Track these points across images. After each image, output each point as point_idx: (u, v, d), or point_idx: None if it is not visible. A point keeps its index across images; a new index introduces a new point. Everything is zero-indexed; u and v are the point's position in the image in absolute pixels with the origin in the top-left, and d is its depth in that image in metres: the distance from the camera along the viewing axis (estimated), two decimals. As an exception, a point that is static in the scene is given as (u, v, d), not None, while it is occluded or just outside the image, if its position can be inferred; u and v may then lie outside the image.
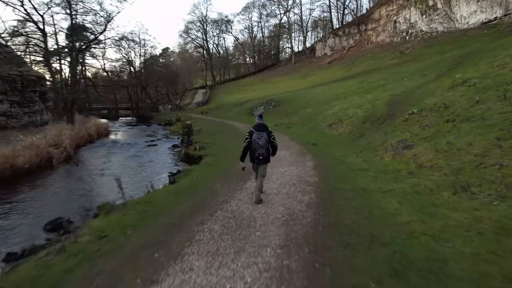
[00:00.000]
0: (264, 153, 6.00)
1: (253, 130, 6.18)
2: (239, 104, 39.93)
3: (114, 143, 20.76)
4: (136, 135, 24.78)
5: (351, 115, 18.08)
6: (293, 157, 10.26)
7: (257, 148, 5.99)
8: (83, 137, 19.35)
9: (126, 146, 19.43)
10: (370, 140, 12.32)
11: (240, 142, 6.58)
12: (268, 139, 6.08)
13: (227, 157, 10.97)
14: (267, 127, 6.30)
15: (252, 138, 6.06)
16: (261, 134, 6.06)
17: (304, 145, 13.52)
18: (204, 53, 73.60)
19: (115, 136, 24.49)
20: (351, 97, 23.54)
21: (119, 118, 45.08)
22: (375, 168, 8.29)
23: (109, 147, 19.06)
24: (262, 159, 6.03)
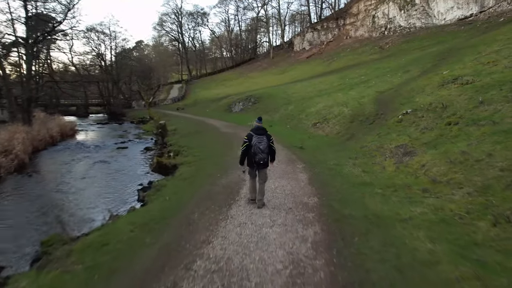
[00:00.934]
0: (265, 157, 5.76)
1: (252, 133, 5.84)
2: (217, 100, 38.21)
3: (79, 145, 18.58)
4: (106, 135, 22.61)
5: (336, 114, 16.98)
6: (282, 167, 8.92)
7: (258, 153, 5.67)
8: (43, 139, 17.08)
9: (93, 149, 17.38)
10: (363, 144, 11.20)
11: (221, 145, 5.40)
12: (268, 143, 5.83)
13: (206, 167, 9.49)
14: (266, 130, 6.06)
15: (251, 142, 5.71)
16: (261, 138, 5.77)
17: (291, 148, 12.22)
18: (180, 47, 70.66)
19: (83, 136, 22.24)
20: (334, 93, 22.51)
21: (89, 115, 42.17)
22: (380, 182, 7.09)
23: (73, 151, 16.90)
24: (263, 164, 5.77)
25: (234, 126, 20.39)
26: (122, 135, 22.57)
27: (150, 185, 9.06)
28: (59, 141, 19.03)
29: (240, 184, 7.32)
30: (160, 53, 67.11)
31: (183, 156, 11.74)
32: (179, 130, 19.05)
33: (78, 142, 19.85)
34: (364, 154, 10.01)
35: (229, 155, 10.95)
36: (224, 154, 11.27)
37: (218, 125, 21.83)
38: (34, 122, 18.38)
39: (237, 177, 7.90)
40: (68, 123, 23.49)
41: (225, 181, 7.62)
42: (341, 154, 10.53)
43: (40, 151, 16.18)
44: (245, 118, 25.84)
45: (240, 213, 5.55)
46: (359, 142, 11.81)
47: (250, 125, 21.09)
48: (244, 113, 28.22)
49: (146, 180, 10.39)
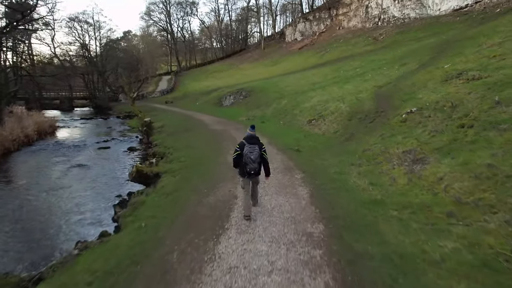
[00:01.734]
0: (257, 167, 5.63)
1: (244, 142, 5.68)
2: (207, 93, 36.77)
3: (57, 145, 17.04)
4: (88, 133, 21.09)
5: (333, 110, 15.92)
6: (279, 177, 7.81)
7: (249, 163, 5.55)
8: (16, 139, 15.56)
9: (72, 149, 15.96)
10: (365, 146, 10.16)
11: (210, 146, 4.42)
12: (260, 153, 5.65)
13: (192, 178, 8.27)
14: (258, 139, 5.85)
15: (243, 152, 5.57)
16: (253, 148, 5.59)
17: (287, 152, 11.10)
18: (168, 37, 68.23)
19: (63, 134, 20.72)
20: (329, 87, 21.43)
21: (74, 109, 40.24)
22: (392, 200, 6.05)
23: (49, 152, 15.43)
24: (254, 173, 5.66)
25: (225, 122, 19.22)
26: (106, 132, 21.06)
27: (130, 197, 7.88)
28: (36, 141, 17.45)
29: (230, 203, 6.21)
30: (148, 43, 64.66)
31: (167, 162, 10.50)
32: (166, 128, 17.74)
33: (57, 141, 18.27)
34: (368, 159, 8.98)
35: (218, 162, 9.80)
36: (212, 161, 10.09)
37: (208, 121, 20.58)
38: (7, 120, 16.80)
39: (227, 193, 6.80)
40: (48, 120, 21.79)
41: (213, 199, 6.50)
42: (342, 159, 9.47)
43: (12, 153, 14.66)
44: (235, 112, 24.63)
45: (230, 250, 4.44)
46: (360, 144, 10.78)
47: (240, 121, 19.97)
48: (235, 107, 26.98)
49: (126, 189, 9.19)
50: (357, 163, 8.84)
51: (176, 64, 69.17)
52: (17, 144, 15.50)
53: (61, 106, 38.98)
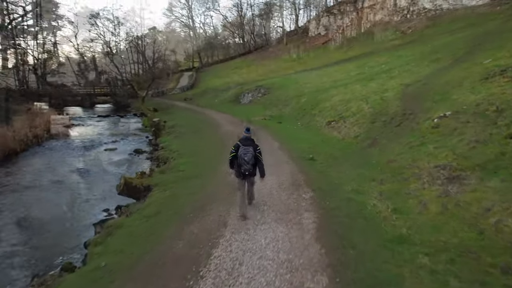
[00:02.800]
0: (250, 168, 5.68)
1: (239, 144, 5.78)
2: (226, 89, 35.79)
3: (65, 145, 16.45)
4: (101, 132, 20.49)
5: (355, 111, 14.41)
6: (283, 197, 6.53)
7: (243, 164, 5.61)
8: (24, 139, 15.22)
9: (78, 150, 15.47)
10: (389, 156, 8.72)
11: (215, 151, 3.73)
12: (254, 154, 5.69)
13: (182, 195, 7.19)
14: (253, 141, 5.94)
15: (238, 153, 5.66)
16: (247, 149, 5.64)
17: (299, 162, 9.79)
18: (190, 33, 67.82)
19: (75, 133, 20.35)
20: (351, 85, 19.82)
21: (95, 106, 40.49)
22: (423, 238, 4.67)
23: (54, 153, 14.95)
24: (249, 174, 5.73)
25: (239, 122, 18.13)
26: (117, 131, 20.30)
27: (116, 211, 6.96)
28: (47, 140, 17.08)
29: (216, 235, 5.02)
30: (170, 39, 64.39)
31: (164, 171, 9.46)
32: (177, 128, 16.85)
33: (67, 141, 17.66)
34: (392, 174, 7.56)
35: (218, 171, 8.67)
36: (212, 170, 8.95)
37: (222, 120, 19.57)
38: (18, 119, 16.49)
39: (215, 219, 5.63)
40: (62, 118, 21.58)
41: (196, 228, 5.35)
42: (361, 172, 8.10)
43: (17, 154, 14.28)
44: (252, 111, 23.50)
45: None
46: (384, 152, 9.33)
47: (255, 121, 18.80)
48: (252, 106, 25.84)
49: (116, 202, 8.29)
50: (379, 178, 7.45)
51: (198, 60, 68.61)
52: (24, 144, 15.09)
53: (83, 103, 39.30)
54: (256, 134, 11.74)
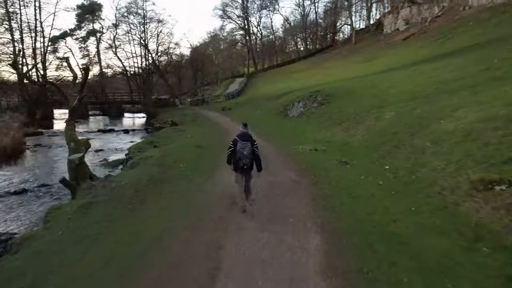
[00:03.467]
0: (249, 162, 5.75)
1: (237, 139, 5.81)
2: (275, 98, 27.65)
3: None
4: (46, 164, 14.12)
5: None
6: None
7: (242, 158, 5.69)
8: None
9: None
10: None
11: None
12: (252, 149, 5.75)
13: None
14: (251, 136, 5.97)
15: (236, 148, 5.71)
16: (245, 144, 5.71)
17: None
18: (246, 36, 60.93)
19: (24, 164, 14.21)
20: (484, 90, 10.31)
21: (123, 115, 36.07)
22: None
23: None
24: (247, 168, 5.79)
25: (283, 156, 10.08)
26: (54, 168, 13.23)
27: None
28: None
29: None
30: (217, 40, 58.49)
31: None
32: (147, 171, 8.78)
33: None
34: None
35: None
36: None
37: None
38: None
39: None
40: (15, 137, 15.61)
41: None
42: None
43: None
44: (300, 130, 15.05)
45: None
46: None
47: (296, 152, 10.29)
48: (302, 120, 17.28)
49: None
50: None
51: (253, 65, 61.61)
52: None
53: (109, 112, 35.02)
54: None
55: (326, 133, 13.02)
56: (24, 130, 20.56)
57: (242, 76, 54.77)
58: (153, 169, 8.40)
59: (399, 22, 45.50)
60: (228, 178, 7.73)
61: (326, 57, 52.00)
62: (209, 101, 39.99)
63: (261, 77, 51.17)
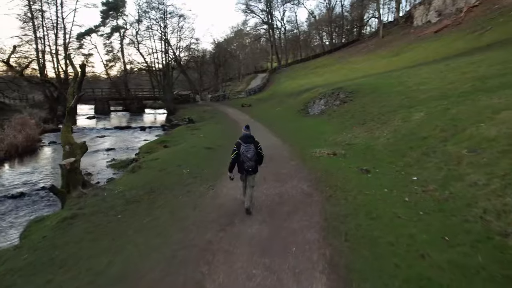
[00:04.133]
0: (253, 165, 5.62)
1: (240, 142, 5.62)
2: (297, 94, 26.57)
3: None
4: (44, 164, 13.55)
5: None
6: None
7: (246, 161, 5.55)
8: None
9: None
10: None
11: None
12: (255, 151, 5.62)
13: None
14: (254, 138, 5.76)
15: (240, 151, 5.55)
16: (249, 147, 5.57)
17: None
18: (269, 31, 59.43)
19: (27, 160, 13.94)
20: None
21: (144, 111, 36.08)
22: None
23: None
24: (251, 170, 5.64)
25: (297, 160, 9.22)
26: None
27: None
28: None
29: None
30: (242, 37, 57.44)
31: None
32: (138, 179, 8.16)
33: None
34: None
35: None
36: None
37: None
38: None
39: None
40: (23, 134, 15.49)
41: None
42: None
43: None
44: (319, 130, 14.00)
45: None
46: None
47: (307, 157, 9.34)
48: (322, 119, 16.20)
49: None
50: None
51: (276, 60, 60.12)
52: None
53: (130, 108, 35.15)
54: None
55: (347, 134, 11.93)
56: (43, 127, 20.88)
57: (265, 72, 53.69)
58: (153, 175, 7.80)
59: (431, 13, 42.59)
60: (230, 189, 6.97)
61: (352, 51, 49.84)
62: (230, 97, 39.36)
63: (284, 73, 49.87)
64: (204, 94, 42.31)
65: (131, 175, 8.25)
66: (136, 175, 8.08)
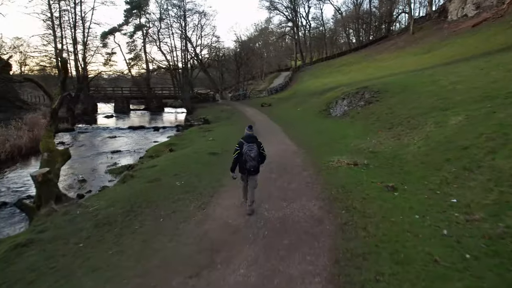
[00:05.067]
0: (255, 165, 5.50)
1: (243, 141, 5.48)
2: (320, 93, 25.05)
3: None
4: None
5: None
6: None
7: (249, 160, 5.42)
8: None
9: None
10: None
11: None
12: (258, 151, 5.49)
13: None
14: (256, 138, 5.68)
15: (242, 150, 5.42)
16: (252, 146, 5.44)
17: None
18: (294, 29, 57.63)
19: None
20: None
21: (163, 110, 35.83)
22: None
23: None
24: (253, 170, 5.53)
25: (310, 170, 8.03)
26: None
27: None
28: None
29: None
30: (266, 35, 55.98)
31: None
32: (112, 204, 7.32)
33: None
34: None
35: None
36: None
37: (276, 157, 9.47)
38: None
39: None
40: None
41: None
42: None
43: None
44: (342, 133, 12.58)
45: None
46: None
47: (323, 166, 8.00)
48: (345, 121, 14.74)
49: None
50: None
51: (300, 58, 58.26)
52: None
53: (150, 107, 34.96)
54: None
55: (371, 140, 10.49)
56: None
57: (288, 70, 52.15)
58: (141, 188, 6.79)
59: (468, 6, 39.29)
60: (225, 209, 5.87)
61: (379, 48, 47.23)
62: (251, 96, 38.32)
63: (308, 71, 48.14)
64: (225, 93, 41.53)
65: (119, 187, 7.37)
66: (124, 187, 7.16)
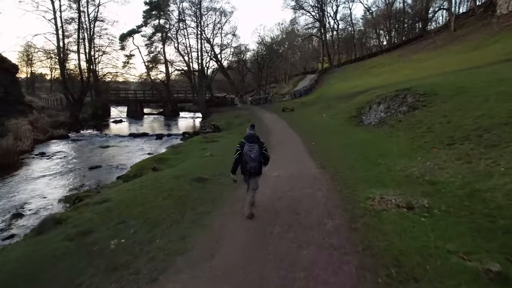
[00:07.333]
0: (256, 166, 5.15)
1: (244, 142, 5.18)
2: (348, 97, 21.79)
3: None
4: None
5: None
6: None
7: (249, 161, 5.10)
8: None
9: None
10: None
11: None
12: (260, 151, 5.15)
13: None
14: (258, 138, 5.33)
15: (243, 150, 5.11)
16: (253, 146, 5.13)
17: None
18: (321, 29, 54.13)
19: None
20: None
21: (179, 114, 34.01)
22: None
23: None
24: (254, 172, 5.18)
25: (336, 218, 5.24)
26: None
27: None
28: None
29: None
30: (291, 36, 52.93)
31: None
32: None
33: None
34: None
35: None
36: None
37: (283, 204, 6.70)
38: None
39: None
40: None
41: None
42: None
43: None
44: (381, 149, 9.46)
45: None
46: None
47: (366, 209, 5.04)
48: (383, 131, 11.61)
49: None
50: None
51: (328, 60, 54.59)
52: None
53: (164, 111, 33.25)
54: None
55: (425, 161, 7.39)
56: (51, 132, 19.15)
57: (314, 73, 48.89)
58: (54, 248, 4.09)
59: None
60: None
61: (415, 48, 42.81)
62: (273, 100, 35.48)
63: (335, 73, 44.62)
64: (246, 97, 39.04)
65: (29, 240, 4.88)
66: (35, 241, 4.59)
